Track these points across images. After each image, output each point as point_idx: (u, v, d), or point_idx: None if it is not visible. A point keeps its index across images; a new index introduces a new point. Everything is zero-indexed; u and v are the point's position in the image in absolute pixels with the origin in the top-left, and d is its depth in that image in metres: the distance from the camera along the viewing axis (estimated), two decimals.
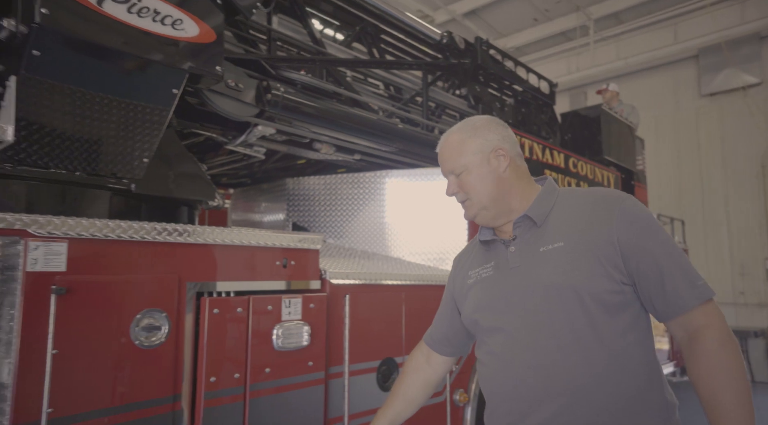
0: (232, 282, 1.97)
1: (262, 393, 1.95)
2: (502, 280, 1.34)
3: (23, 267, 1.45)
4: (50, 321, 1.49)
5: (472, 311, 1.40)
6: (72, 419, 1.52)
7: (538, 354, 1.24)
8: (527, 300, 1.28)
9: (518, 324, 1.28)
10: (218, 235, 1.93)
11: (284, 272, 2.14)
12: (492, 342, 1.34)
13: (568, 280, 1.22)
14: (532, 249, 1.30)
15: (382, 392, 2.44)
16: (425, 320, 2.71)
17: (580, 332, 1.20)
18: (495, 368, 1.33)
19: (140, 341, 1.68)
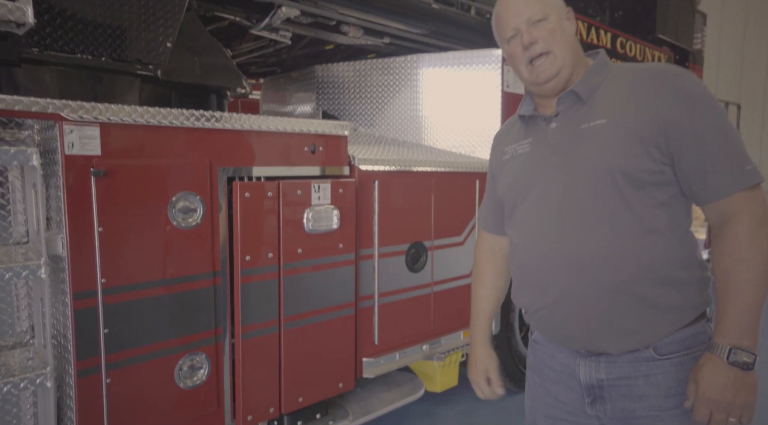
0: (262, 167, 2.02)
1: (295, 272, 2.08)
2: (538, 157, 1.28)
3: (62, 150, 1.52)
4: (93, 202, 1.59)
5: (505, 187, 1.37)
6: (123, 289, 1.68)
7: (566, 229, 1.21)
8: (560, 177, 1.23)
9: (549, 201, 1.24)
10: (246, 121, 1.94)
11: (313, 158, 2.17)
12: (522, 218, 1.31)
13: (604, 159, 1.16)
14: (574, 127, 1.22)
15: (411, 273, 2.56)
16: (454, 206, 2.76)
17: (611, 209, 1.16)
18: (523, 243, 1.31)
19: (177, 222, 1.78)
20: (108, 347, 1.65)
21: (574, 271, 1.19)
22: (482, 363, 1.48)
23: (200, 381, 1.88)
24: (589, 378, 1.25)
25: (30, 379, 1.54)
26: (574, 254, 1.19)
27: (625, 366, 1.21)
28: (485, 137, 2.98)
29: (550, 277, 1.24)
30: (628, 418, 1.22)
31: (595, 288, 1.18)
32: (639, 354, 1.19)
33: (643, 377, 1.20)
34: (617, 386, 1.22)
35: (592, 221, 1.18)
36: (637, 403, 1.20)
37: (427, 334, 2.66)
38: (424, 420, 3.03)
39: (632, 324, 1.18)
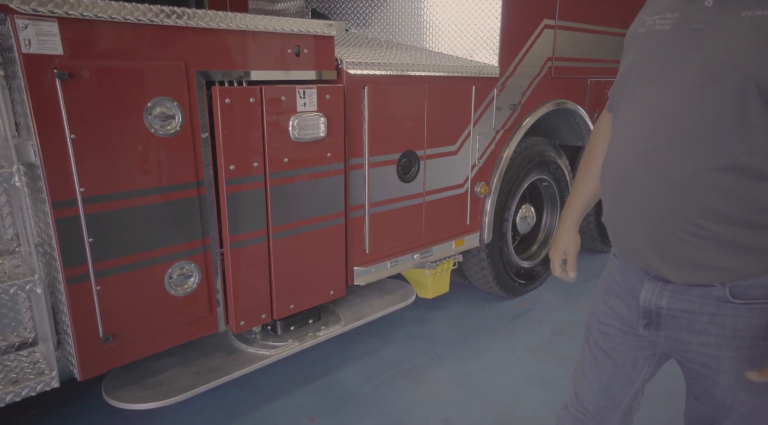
0: (242, 70, 1.90)
1: (282, 182, 2.04)
2: (674, 40, 1.05)
3: (18, 48, 1.41)
4: (61, 106, 1.51)
5: (623, 68, 1.18)
6: (104, 198, 1.65)
7: (660, 140, 1.04)
8: (684, 73, 1.02)
9: (658, 99, 1.06)
10: (223, 20, 1.79)
11: (297, 61, 2.03)
12: (624, 112, 1.16)
13: (747, 64, 0.93)
14: (735, 10, 0.96)
15: (403, 183, 2.52)
16: (449, 114, 2.65)
17: (723, 131, 0.97)
18: (614, 141, 1.18)
19: (155, 129, 1.71)
20: (94, 255, 1.66)
21: (654, 190, 1.06)
22: (563, 244, 1.48)
23: (191, 289, 1.91)
24: (649, 302, 1.17)
25: (19, 285, 1.56)
26: (659, 171, 1.05)
27: (692, 300, 1.10)
28: (484, 39, 2.80)
29: (628, 189, 1.12)
30: (682, 350, 1.16)
31: (673, 214, 1.05)
32: (711, 290, 1.08)
33: (708, 315, 1.09)
34: (676, 317, 1.14)
35: (694, 138, 1.00)
36: (694, 337, 1.13)
37: (419, 243, 2.68)
38: (417, 325, 3.16)
39: (706, 259, 1.05)
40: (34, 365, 1.67)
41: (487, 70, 2.76)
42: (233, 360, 2.16)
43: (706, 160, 0.99)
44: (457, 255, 2.97)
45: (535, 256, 3.60)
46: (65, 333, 1.70)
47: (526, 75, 3.01)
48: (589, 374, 1.39)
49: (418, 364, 2.74)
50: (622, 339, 1.29)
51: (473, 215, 2.96)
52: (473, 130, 2.80)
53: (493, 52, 2.79)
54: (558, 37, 3.13)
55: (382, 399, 2.45)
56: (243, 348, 2.24)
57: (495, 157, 3.00)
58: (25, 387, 1.58)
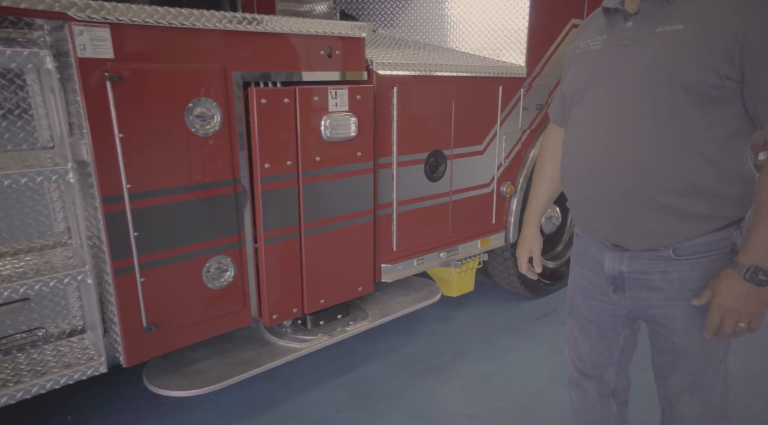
0: (277, 72, 1.97)
1: (314, 180, 2.10)
2: (605, 56, 1.28)
3: (74, 53, 1.50)
4: (111, 107, 1.60)
5: (568, 82, 1.40)
6: (149, 194, 1.73)
7: (610, 132, 1.25)
8: (619, 80, 1.23)
9: (602, 102, 1.27)
10: (259, 23, 1.86)
11: (329, 62, 2.10)
12: (576, 115, 1.36)
13: (668, 67, 1.15)
14: (649, 29, 1.20)
15: (430, 182, 2.56)
16: (476, 113, 2.68)
17: (660, 119, 1.17)
18: (571, 140, 1.37)
19: (196, 129, 1.79)
20: (139, 249, 1.74)
21: (608, 174, 1.25)
22: (528, 244, 1.66)
23: (227, 282, 1.99)
24: (612, 269, 1.37)
25: (72, 275, 1.65)
26: (611, 158, 1.24)
27: (645, 262, 1.31)
28: (511, 39, 2.82)
29: (587, 175, 1.31)
30: (644, 307, 1.36)
31: (625, 192, 1.24)
32: (658, 253, 1.28)
33: (660, 273, 1.30)
34: (636, 279, 1.34)
35: (638, 129, 1.20)
36: (652, 294, 1.33)
37: (445, 242, 2.72)
38: (441, 323, 3.20)
39: (655, 228, 1.25)
40: (84, 351, 1.77)
41: (514, 70, 2.79)
42: (265, 352, 2.23)
43: (651, 144, 1.19)
44: (482, 254, 3.00)
45: (560, 256, 3.60)
46: (111, 321, 1.79)
47: (553, 75, 3.02)
48: (580, 340, 1.58)
49: (443, 361, 2.78)
50: (601, 306, 1.48)
51: (499, 214, 2.98)
52: (499, 130, 2.83)
53: (520, 52, 2.81)
54: None
55: (408, 394, 2.50)
56: (275, 341, 2.32)
57: (521, 156, 3.02)
58: (77, 371, 1.68)
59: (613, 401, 1.61)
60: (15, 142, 1.69)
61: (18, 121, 1.68)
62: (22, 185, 1.49)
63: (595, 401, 1.62)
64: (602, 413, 1.62)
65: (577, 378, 1.64)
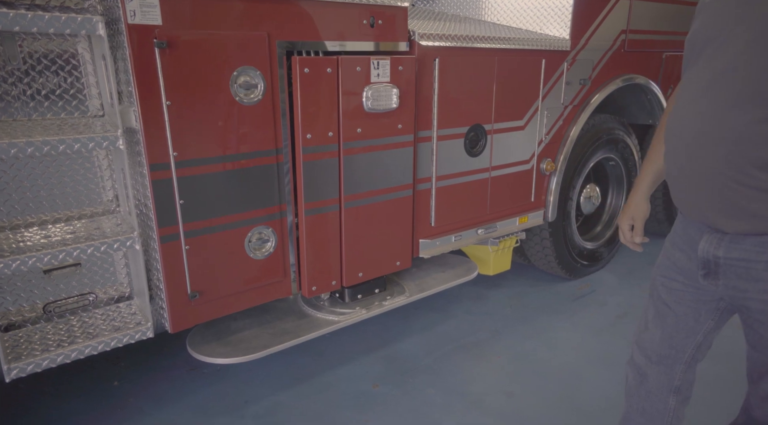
0: (320, 41, 1.95)
1: (355, 152, 2.09)
2: (733, 6, 1.12)
3: (124, 19, 1.51)
4: (159, 75, 1.61)
5: (690, 36, 1.24)
6: (194, 162, 1.75)
7: (714, 98, 1.12)
8: (738, 38, 1.08)
9: (716, 63, 1.12)
10: None
11: (372, 32, 2.06)
12: (688, 75, 1.23)
13: None
14: None
15: (470, 157, 2.52)
16: (517, 87, 2.62)
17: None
18: (677, 106, 1.25)
19: (240, 97, 1.79)
20: (184, 216, 1.76)
21: (708, 144, 1.13)
22: (631, 211, 1.54)
23: (268, 252, 2.01)
24: (706, 253, 1.23)
25: (121, 241, 1.69)
26: (712, 126, 1.12)
27: (748, 250, 1.16)
28: (555, 11, 2.73)
29: (686, 146, 1.20)
30: (739, 297, 1.22)
31: (727, 166, 1.11)
32: (765, 239, 1.13)
33: (765, 262, 1.15)
34: (734, 266, 1.19)
35: (743, 94, 1.07)
36: (752, 285, 1.18)
37: (483, 219, 2.68)
38: (476, 302, 3.17)
39: (758, 209, 1.11)
40: (132, 316, 1.81)
41: (558, 43, 2.70)
42: (304, 324, 2.25)
43: (754, 113, 1.05)
44: (520, 233, 2.95)
45: (599, 237, 3.52)
46: (158, 288, 1.83)
47: (598, 48, 2.92)
48: (652, 325, 1.44)
49: (479, 340, 2.76)
50: (684, 291, 1.34)
51: (538, 192, 2.92)
52: (541, 105, 2.76)
53: (565, 25, 2.72)
54: (634, 8, 3.01)
55: (444, 370, 2.49)
56: (313, 313, 2.33)
57: (562, 133, 2.95)
58: (126, 335, 1.72)
59: (673, 396, 1.46)
60: (67, 110, 1.72)
61: (71, 89, 1.71)
62: (75, 151, 1.52)
63: (653, 391, 1.48)
64: (659, 406, 1.48)
65: (639, 363, 1.50)
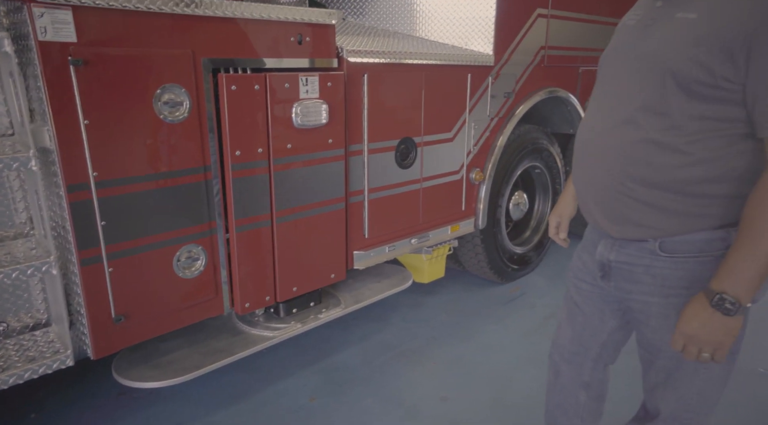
0: (247, 58, 1.94)
1: (285, 167, 2.09)
2: (632, 34, 1.24)
3: (34, 36, 1.45)
4: (75, 93, 1.55)
5: (600, 58, 1.37)
6: (116, 182, 1.69)
7: (605, 116, 1.25)
8: (628, 63, 1.21)
9: (610, 84, 1.27)
10: (228, 8, 1.83)
11: (300, 49, 2.08)
12: (592, 95, 1.37)
13: (666, 56, 1.11)
14: (671, 12, 1.14)
15: (401, 169, 2.58)
16: (445, 101, 2.71)
17: (647, 109, 1.15)
18: (584, 117, 1.38)
19: (164, 115, 1.75)
20: (107, 238, 1.70)
21: (597, 158, 1.27)
22: (560, 209, 1.65)
23: (198, 271, 1.97)
24: (602, 256, 1.36)
25: (36, 266, 1.60)
26: (600, 142, 1.25)
27: (631, 254, 1.28)
28: (479, 28, 2.86)
29: (581, 156, 1.34)
30: (625, 298, 1.35)
31: (609, 178, 1.24)
32: (645, 245, 1.24)
33: (643, 266, 1.26)
34: (621, 269, 1.31)
35: (627, 116, 1.19)
36: (633, 286, 1.30)
37: (416, 228, 2.76)
38: (413, 309, 3.24)
39: (637, 218, 1.22)
40: (49, 344, 1.72)
41: (483, 58, 2.83)
42: (238, 341, 2.23)
43: (632, 134, 1.17)
44: (452, 241, 3.05)
45: (528, 242, 3.70)
46: (78, 313, 1.75)
47: (520, 63, 3.08)
48: (564, 324, 1.58)
49: (415, 347, 2.82)
50: (591, 291, 1.46)
51: (468, 201, 3.03)
52: (468, 118, 2.87)
53: (488, 41, 2.85)
54: (551, 26, 3.20)
55: (382, 379, 2.53)
56: (247, 330, 2.31)
57: (489, 144, 3.08)
58: (42, 365, 1.64)
59: (583, 392, 1.58)
60: None
61: None
62: None
63: (566, 386, 1.61)
64: (571, 400, 1.61)
65: (555, 359, 1.63)
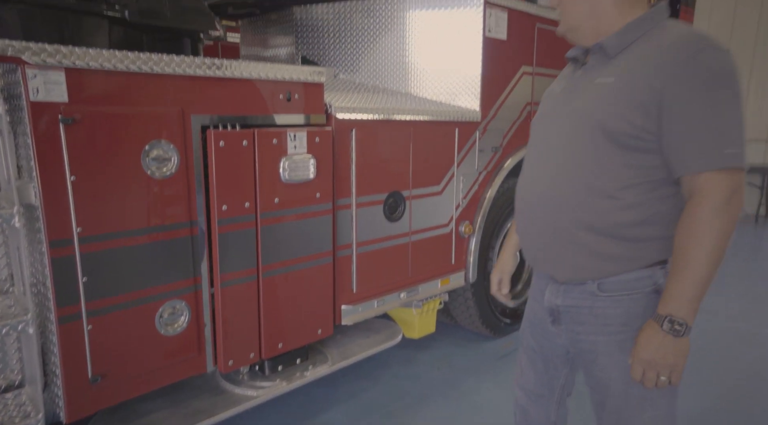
0: (236, 115, 1.98)
1: (273, 221, 2.10)
2: (559, 101, 1.41)
3: (26, 96, 1.48)
4: (64, 150, 1.57)
5: (532, 121, 1.52)
6: (100, 238, 1.68)
7: (542, 170, 1.38)
8: (558, 123, 1.36)
9: (543, 143, 1.41)
10: (218, 67, 1.89)
11: (288, 106, 2.13)
12: (528, 150, 1.50)
13: (594, 115, 1.25)
14: (591, 78, 1.31)
15: (389, 222, 2.59)
16: (433, 155, 2.76)
17: (579, 162, 1.28)
18: (521, 173, 1.51)
19: (152, 171, 1.77)
20: (87, 295, 1.68)
21: (538, 207, 1.39)
22: (500, 266, 1.74)
23: (181, 328, 1.93)
24: (550, 301, 1.45)
25: (12, 325, 1.56)
26: (541, 192, 1.38)
27: (576, 297, 1.38)
28: (466, 84, 2.95)
29: (524, 207, 1.46)
30: (574, 339, 1.42)
31: (550, 226, 1.36)
32: (586, 287, 1.35)
33: (587, 307, 1.37)
34: (568, 312, 1.41)
35: (565, 168, 1.32)
36: (581, 327, 1.39)
37: (405, 282, 2.73)
38: (404, 365, 3.16)
39: (578, 261, 1.34)
40: (20, 407, 1.65)
41: (470, 114, 2.90)
42: (221, 401, 2.15)
43: (570, 184, 1.30)
44: (443, 294, 3.02)
45: (520, 295, 3.66)
46: (53, 374, 1.70)
47: (507, 119, 3.16)
48: (527, 370, 1.64)
49: (405, 406, 2.73)
50: (544, 337, 1.54)
51: (458, 254, 3.03)
52: (457, 171, 2.91)
53: (475, 97, 2.94)
54: (536, 83, 3.30)
55: None
56: (231, 388, 2.23)
57: (478, 197, 3.11)
58: None
59: None
60: None
61: None
62: None
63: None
64: None
65: (521, 402, 1.69)
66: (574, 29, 1.35)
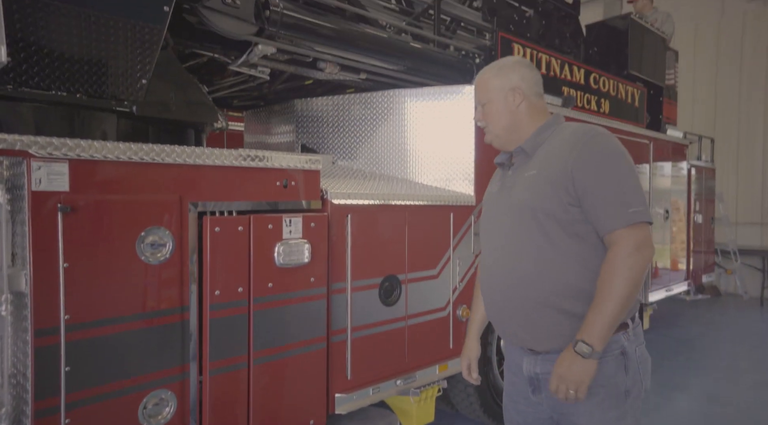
0: (233, 202, 2.03)
1: (266, 306, 2.08)
2: (499, 198, 1.69)
3: (28, 186, 1.53)
4: (59, 238, 1.59)
5: (480, 220, 1.79)
6: (88, 325, 1.66)
7: (503, 255, 1.62)
8: (504, 213, 1.63)
9: (495, 233, 1.67)
10: (217, 157, 1.96)
11: (285, 192, 2.19)
12: (482, 242, 1.76)
13: (530, 201, 1.54)
14: (520, 174, 1.62)
15: (385, 307, 2.56)
16: (429, 239, 2.78)
17: (535, 240, 1.53)
18: (480, 263, 1.75)
19: (146, 257, 1.78)
20: (69, 386, 1.62)
21: (509, 288, 1.59)
22: (467, 352, 1.88)
23: (165, 420, 1.85)
24: (529, 371, 1.61)
25: None
26: (507, 275, 1.59)
27: (554, 363, 1.50)
28: (460, 170, 3.04)
29: (494, 292, 1.66)
30: (557, 405, 1.55)
31: (524, 301, 1.56)
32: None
33: None
34: (548, 378, 1.53)
35: (522, 249, 1.56)
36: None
37: (402, 369, 2.65)
38: None
39: (554, 329, 1.53)
40: None
41: (464, 198, 2.96)
42: None
43: (530, 261, 1.54)
44: (441, 381, 2.91)
45: None
46: None
47: None
48: None
49: None
50: (526, 409, 1.67)
51: (456, 339, 2.95)
52: (453, 255, 2.92)
53: (469, 182, 3.01)
54: None
55: None
56: None
57: (474, 279, 3.08)
58: None
59: None
60: None
61: None
62: None
63: None
64: None
65: None
66: (499, 138, 1.67)
